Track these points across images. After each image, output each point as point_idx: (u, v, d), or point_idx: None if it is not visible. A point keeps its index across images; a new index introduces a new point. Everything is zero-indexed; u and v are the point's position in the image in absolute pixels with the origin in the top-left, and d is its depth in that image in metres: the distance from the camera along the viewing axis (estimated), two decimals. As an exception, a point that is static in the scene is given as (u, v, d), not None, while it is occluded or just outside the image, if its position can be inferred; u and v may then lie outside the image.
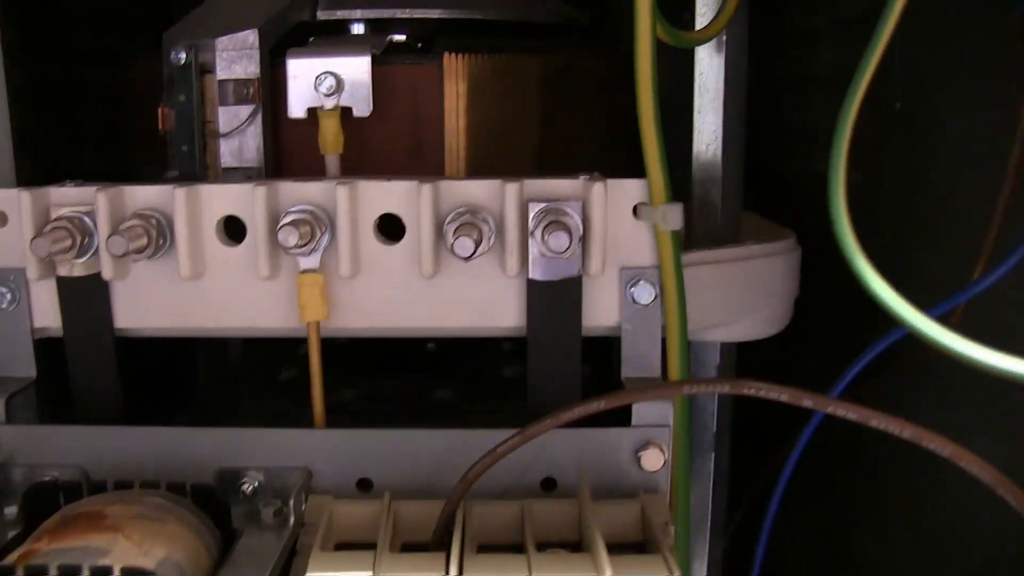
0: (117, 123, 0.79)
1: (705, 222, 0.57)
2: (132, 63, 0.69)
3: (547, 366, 0.52)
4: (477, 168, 0.60)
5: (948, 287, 0.47)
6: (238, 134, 0.58)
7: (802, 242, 0.59)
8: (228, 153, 0.58)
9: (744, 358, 0.61)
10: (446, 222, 0.49)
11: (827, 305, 0.64)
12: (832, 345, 0.63)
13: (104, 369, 0.54)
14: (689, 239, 0.55)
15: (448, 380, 0.72)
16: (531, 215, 0.49)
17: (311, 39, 0.64)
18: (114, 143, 0.81)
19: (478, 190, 0.50)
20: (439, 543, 0.45)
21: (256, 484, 0.50)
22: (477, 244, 0.47)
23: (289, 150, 0.59)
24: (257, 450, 0.50)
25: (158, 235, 0.50)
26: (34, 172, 0.62)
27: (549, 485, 0.50)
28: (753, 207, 0.64)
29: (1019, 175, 0.45)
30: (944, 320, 0.45)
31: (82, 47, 0.83)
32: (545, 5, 0.67)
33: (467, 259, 0.47)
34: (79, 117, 0.81)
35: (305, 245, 0.48)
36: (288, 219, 0.49)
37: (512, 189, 0.49)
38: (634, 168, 0.50)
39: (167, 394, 0.64)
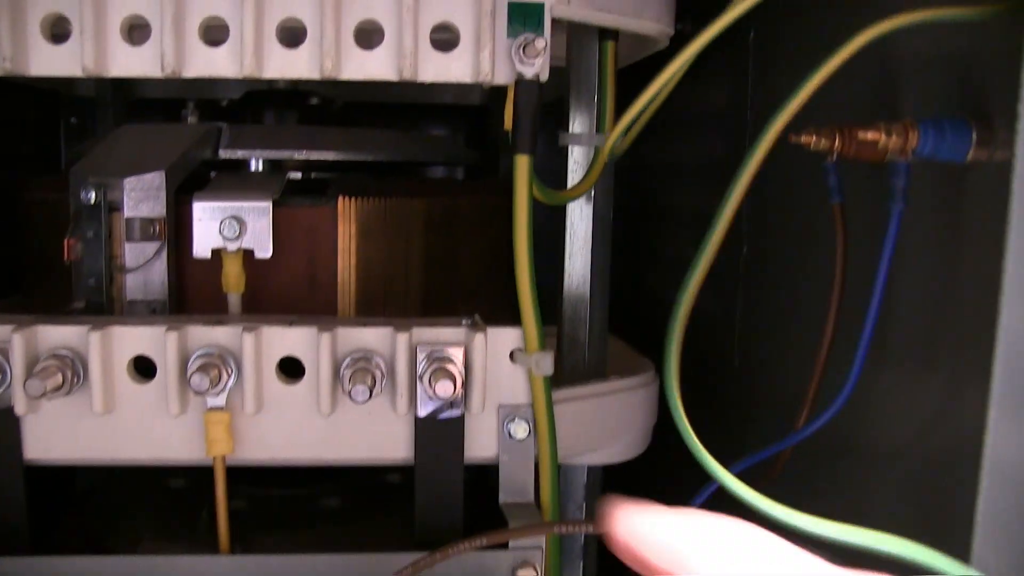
0: (9, 237, 0.81)
1: (573, 356, 0.64)
2: (29, 186, 0.72)
3: (433, 494, 0.57)
4: (366, 302, 0.65)
5: (784, 422, 0.55)
6: (144, 270, 0.61)
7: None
8: (134, 287, 0.62)
9: (609, 472, 0.68)
10: (343, 366, 0.55)
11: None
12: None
13: (11, 500, 0.56)
14: (559, 372, 0.62)
15: (334, 488, 0.76)
16: (419, 360, 0.55)
17: (212, 174, 0.68)
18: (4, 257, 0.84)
19: (372, 336, 0.55)
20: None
21: (163, 609, 0.54)
22: (371, 389, 0.53)
23: (193, 285, 0.63)
24: None
25: (72, 374, 0.54)
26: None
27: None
28: (615, 328, 0.71)
29: (836, 324, 0.52)
30: (769, 464, 0.53)
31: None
32: (434, 146, 0.74)
33: (362, 403, 0.52)
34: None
35: (213, 387, 0.53)
36: (198, 364, 0.53)
37: (403, 338, 0.55)
38: (506, 292, 0.56)
39: (49, 499, 0.66)
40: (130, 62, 0.53)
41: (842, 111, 0.51)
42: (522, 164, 0.54)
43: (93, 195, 0.61)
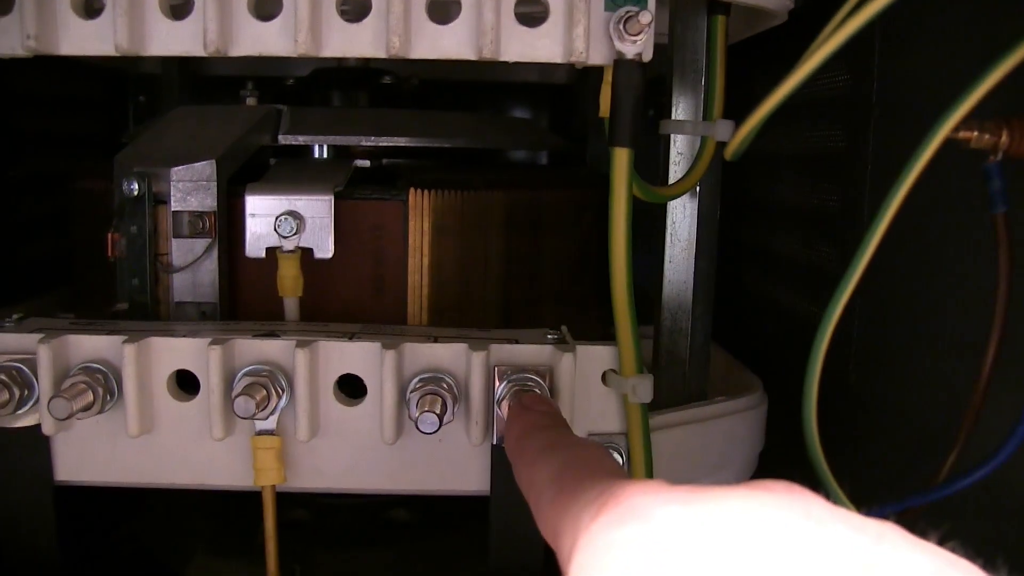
0: (61, 227, 0.77)
1: (671, 375, 0.56)
2: (80, 172, 0.67)
3: (510, 532, 0.50)
4: (439, 308, 0.58)
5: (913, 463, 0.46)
6: (192, 268, 0.55)
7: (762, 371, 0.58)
8: (182, 287, 0.55)
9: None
10: (409, 390, 0.47)
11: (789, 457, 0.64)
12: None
13: (42, 524, 0.51)
14: (656, 390, 0.54)
15: (403, 499, 0.70)
16: (498, 384, 0.47)
17: (272, 160, 0.62)
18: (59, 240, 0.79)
19: (444, 353, 0.48)
20: None
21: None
22: (441, 418, 0.45)
23: (246, 285, 0.57)
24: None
25: (105, 391, 0.48)
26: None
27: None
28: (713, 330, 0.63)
29: (997, 353, 0.44)
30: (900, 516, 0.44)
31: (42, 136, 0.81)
32: (516, 131, 0.66)
33: (431, 434, 0.45)
34: (31, 208, 0.78)
35: (261, 411, 0.46)
36: (243, 384, 0.46)
37: (479, 357, 0.47)
38: (598, 297, 0.48)
39: (101, 517, 0.61)
40: (169, 39, 0.47)
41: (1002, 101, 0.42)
42: (621, 159, 0.46)
43: (137, 186, 0.55)
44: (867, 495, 0.43)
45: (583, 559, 0.23)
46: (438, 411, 0.45)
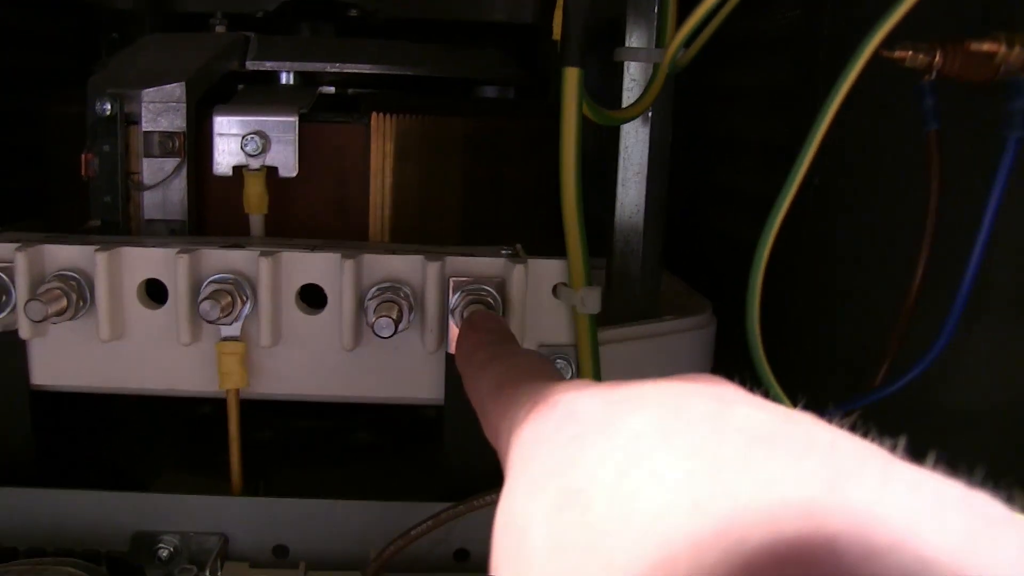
0: (35, 158, 0.78)
1: (623, 294, 0.58)
2: (54, 101, 0.68)
3: (464, 437, 0.52)
4: (400, 229, 0.60)
5: (854, 375, 0.49)
6: (162, 187, 0.57)
7: (717, 303, 0.61)
8: (152, 205, 0.57)
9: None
10: (367, 297, 0.50)
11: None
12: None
13: (18, 426, 0.53)
14: (608, 310, 0.57)
15: (365, 421, 0.72)
16: (452, 294, 0.50)
17: (239, 87, 0.64)
18: (31, 172, 0.80)
19: (400, 265, 0.51)
20: (354, 618, 0.46)
21: (171, 549, 0.50)
22: (397, 323, 0.48)
23: (213, 204, 0.59)
24: (173, 515, 0.51)
25: (78, 297, 0.50)
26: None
27: (462, 556, 0.51)
28: (668, 262, 0.66)
29: (926, 269, 0.47)
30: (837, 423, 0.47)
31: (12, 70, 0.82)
32: (483, 63, 0.68)
33: (387, 338, 0.48)
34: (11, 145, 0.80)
35: (226, 316, 0.49)
36: (209, 291, 0.49)
37: (434, 267, 0.50)
38: (556, 224, 0.51)
39: (74, 427, 0.63)
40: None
41: (931, 25, 0.44)
42: (571, 77, 0.48)
43: (109, 107, 0.57)
44: (811, 409, 0.46)
45: (517, 453, 0.26)
46: (394, 316, 0.48)
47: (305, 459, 0.70)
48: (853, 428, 0.23)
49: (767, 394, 0.39)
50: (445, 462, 0.53)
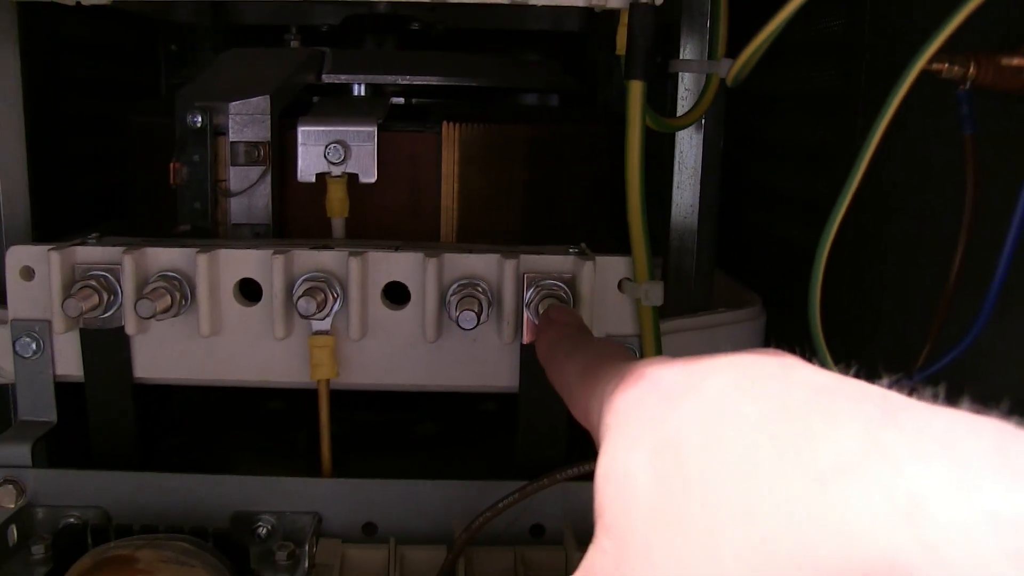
0: (115, 158, 0.82)
1: (679, 289, 0.62)
2: (133, 99, 0.73)
3: (537, 423, 0.57)
4: (467, 230, 0.64)
5: (897, 362, 0.53)
6: (248, 193, 0.61)
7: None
8: (238, 210, 0.62)
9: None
10: (449, 293, 0.54)
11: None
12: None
13: (123, 416, 0.57)
14: (664, 305, 0.60)
15: (429, 415, 0.76)
16: (527, 289, 0.54)
17: (315, 99, 0.68)
18: (110, 176, 0.85)
19: (478, 263, 0.55)
20: (443, 588, 0.50)
21: (269, 528, 0.54)
22: (479, 316, 0.52)
23: (296, 208, 0.63)
24: (269, 496, 0.55)
25: (180, 296, 0.54)
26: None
27: (537, 531, 0.55)
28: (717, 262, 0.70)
29: (963, 262, 0.50)
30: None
31: (82, 80, 0.86)
32: (534, 72, 0.72)
33: (469, 330, 0.52)
34: (76, 147, 0.84)
35: (319, 311, 0.53)
36: (304, 288, 0.53)
37: (510, 265, 0.54)
38: (611, 225, 0.55)
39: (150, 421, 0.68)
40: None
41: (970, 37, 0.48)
42: (635, 90, 0.53)
43: (199, 119, 0.61)
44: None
45: (610, 420, 0.30)
46: (476, 310, 0.52)
47: (373, 449, 0.74)
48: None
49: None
50: (521, 446, 0.57)
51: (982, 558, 0.18)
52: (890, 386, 0.24)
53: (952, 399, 0.22)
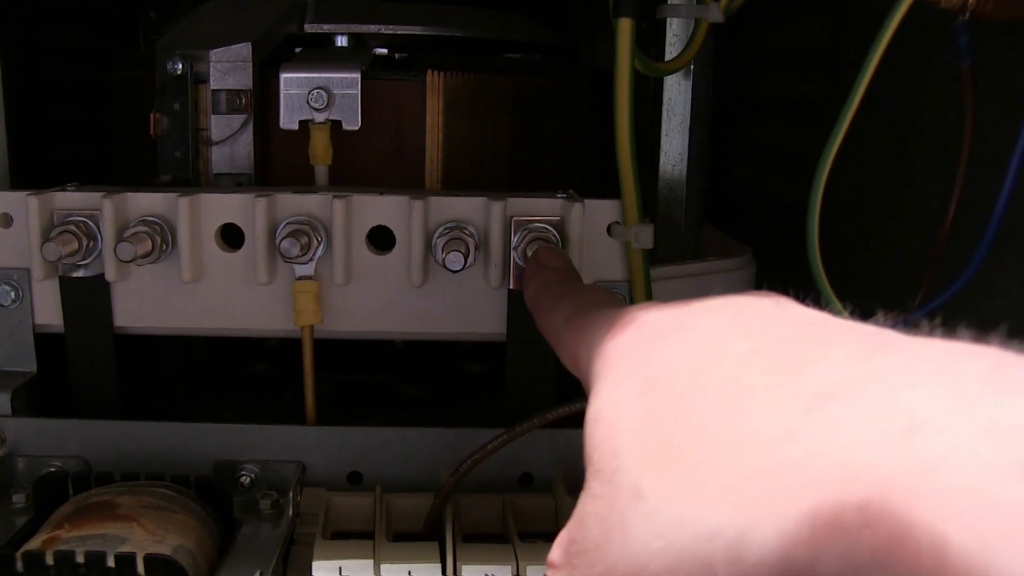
0: (96, 122, 0.81)
1: (668, 238, 0.61)
2: (112, 65, 0.71)
3: (524, 370, 0.56)
4: (452, 180, 0.63)
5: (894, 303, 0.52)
6: (230, 142, 0.60)
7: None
8: (220, 160, 0.61)
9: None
10: (435, 236, 0.53)
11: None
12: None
13: (103, 365, 0.56)
14: (653, 254, 0.60)
15: (414, 376, 0.75)
16: (514, 232, 0.53)
17: (297, 50, 0.67)
18: (91, 142, 0.84)
19: (465, 206, 0.54)
20: (430, 532, 0.49)
21: (252, 477, 0.53)
22: (466, 258, 0.51)
23: (278, 158, 0.62)
24: (253, 445, 0.54)
25: (161, 241, 0.53)
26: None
27: (526, 480, 0.54)
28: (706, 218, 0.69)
29: (959, 201, 0.50)
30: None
31: (63, 46, 0.85)
32: (518, 25, 0.71)
33: (456, 272, 0.51)
34: (57, 114, 0.83)
35: (303, 255, 0.52)
36: (288, 230, 0.52)
37: (497, 207, 0.53)
38: (594, 181, 0.54)
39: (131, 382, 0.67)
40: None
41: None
42: (624, 28, 0.52)
43: (180, 66, 0.60)
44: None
45: (599, 364, 0.29)
46: (463, 251, 0.51)
47: (358, 409, 0.73)
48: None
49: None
50: (509, 393, 0.56)
51: (983, 472, 0.17)
52: (885, 324, 0.23)
53: (949, 334, 0.22)
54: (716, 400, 0.23)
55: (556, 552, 0.28)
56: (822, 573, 0.19)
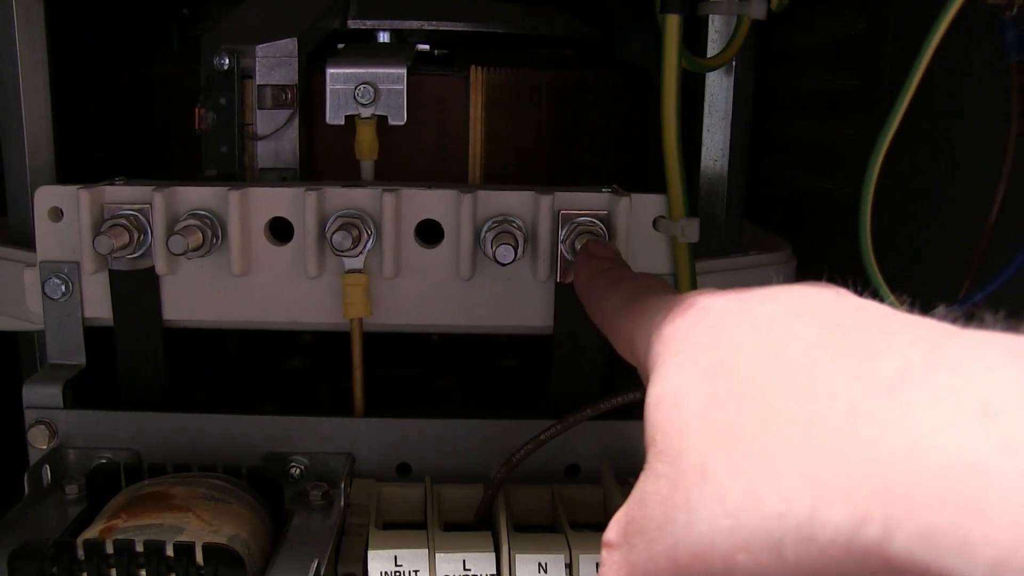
0: (132, 119, 0.82)
1: (710, 233, 0.62)
2: (147, 61, 0.72)
3: (571, 363, 0.56)
4: (493, 173, 0.64)
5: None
6: (275, 137, 0.61)
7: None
8: (265, 155, 0.61)
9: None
10: (484, 229, 0.53)
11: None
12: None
13: (152, 358, 0.57)
14: (695, 249, 0.60)
15: (450, 371, 0.76)
16: (562, 226, 0.53)
17: (340, 46, 0.67)
18: (127, 138, 0.84)
19: (513, 200, 0.54)
20: (482, 522, 0.50)
21: (302, 468, 0.54)
22: (515, 250, 0.51)
23: (323, 153, 0.62)
24: (302, 437, 0.54)
25: (211, 234, 0.54)
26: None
27: (572, 472, 0.55)
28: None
29: (1007, 189, 0.50)
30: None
31: (99, 44, 0.86)
32: (555, 20, 0.71)
33: (506, 265, 0.51)
34: (94, 110, 0.83)
35: (353, 248, 0.52)
36: (339, 223, 0.52)
37: (546, 201, 0.53)
38: (631, 175, 0.55)
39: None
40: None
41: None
42: (672, 24, 0.52)
43: (227, 61, 0.60)
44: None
45: (659, 348, 0.29)
46: (513, 244, 0.51)
47: (395, 403, 0.73)
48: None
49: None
50: (555, 386, 0.56)
51: None
52: (947, 317, 0.23)
53: (1012, 327, 0.22)
54: (784, 383, 0.23)
55: (612, 531, 0.28)
56: (894, 550, 0.19)
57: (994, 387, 0.19)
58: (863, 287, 0.29)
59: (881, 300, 0.26)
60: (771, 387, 0.24)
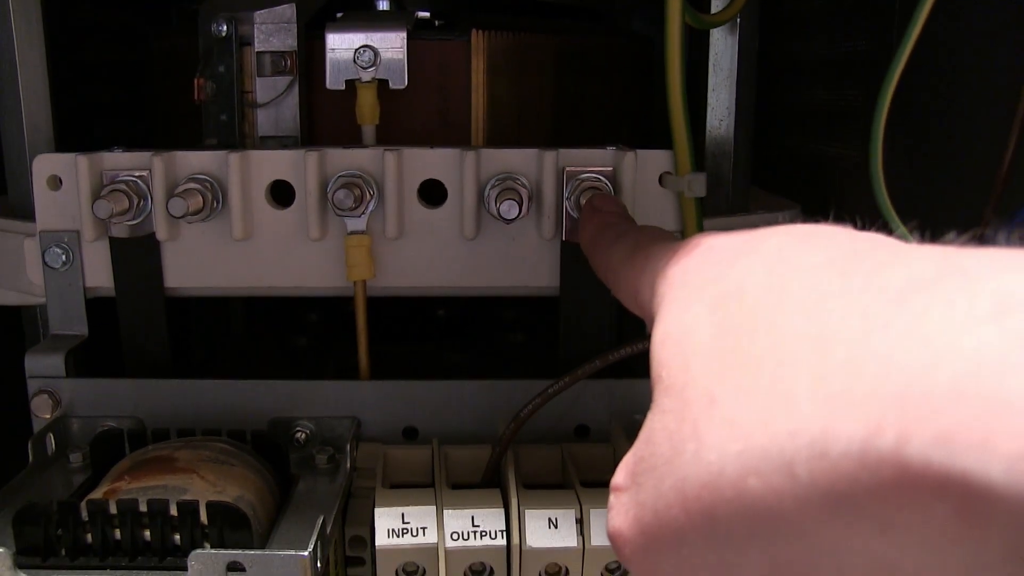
0: (135, 101, 0.81)
1: (717, 194, 0.61)
2: (146, 36, 0.72)
3: (579, 322, 0.55)
4: (495, 138, 0.63)
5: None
6: (275, 104, 0.60)
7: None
8: (266, 122, 0.60)
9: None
10: (487, 188, 0.53)
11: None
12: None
13: (155, 326, 0.56)
14: (703, 206, 0.59)
15: (458, 345, 0.75)
16: (566, 183, 0.53)
17: (339, 14, 0.67)
18: (131, 121, 0.84)
19: (516, 158, 0.53)
20: (490, 482, 0.49)
21: (307, 433, 0.53)
22: (520, 206, 0.51)
23: (323, 119, 0.62)
24: (307, 401, 0.54)
25: (212, 198, 0.53)
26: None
27: (582, 432, 0.54)
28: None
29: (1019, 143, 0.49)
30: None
31: (100, 27, 0.85)
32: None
33: (511, 221, 0.51)
34: (95, 88, 0.83)
35: (356, 207, 0.52)
36: (340, 183, 0.52)
37: (549, 158, 0.53)
38: (635, 142, 0.54)
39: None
40: None
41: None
42: (674, -25, 0.51)
43: (225, 27, 0.60)
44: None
45: (664, 288, 0.29)
46: (517, 200, 0.50)
47: (399, 376, 0.72)
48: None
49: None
50: (563, 347, 0.56)
51: None
52: (959, 242, 0.22)
53: None
54: (793, 306, 0.23)
55: (620, 474, 0.27)
56: (909, 457, 0.18)
57: (1008, 284, 0.18)
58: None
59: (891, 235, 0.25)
60: (778, 309, 0.23)
